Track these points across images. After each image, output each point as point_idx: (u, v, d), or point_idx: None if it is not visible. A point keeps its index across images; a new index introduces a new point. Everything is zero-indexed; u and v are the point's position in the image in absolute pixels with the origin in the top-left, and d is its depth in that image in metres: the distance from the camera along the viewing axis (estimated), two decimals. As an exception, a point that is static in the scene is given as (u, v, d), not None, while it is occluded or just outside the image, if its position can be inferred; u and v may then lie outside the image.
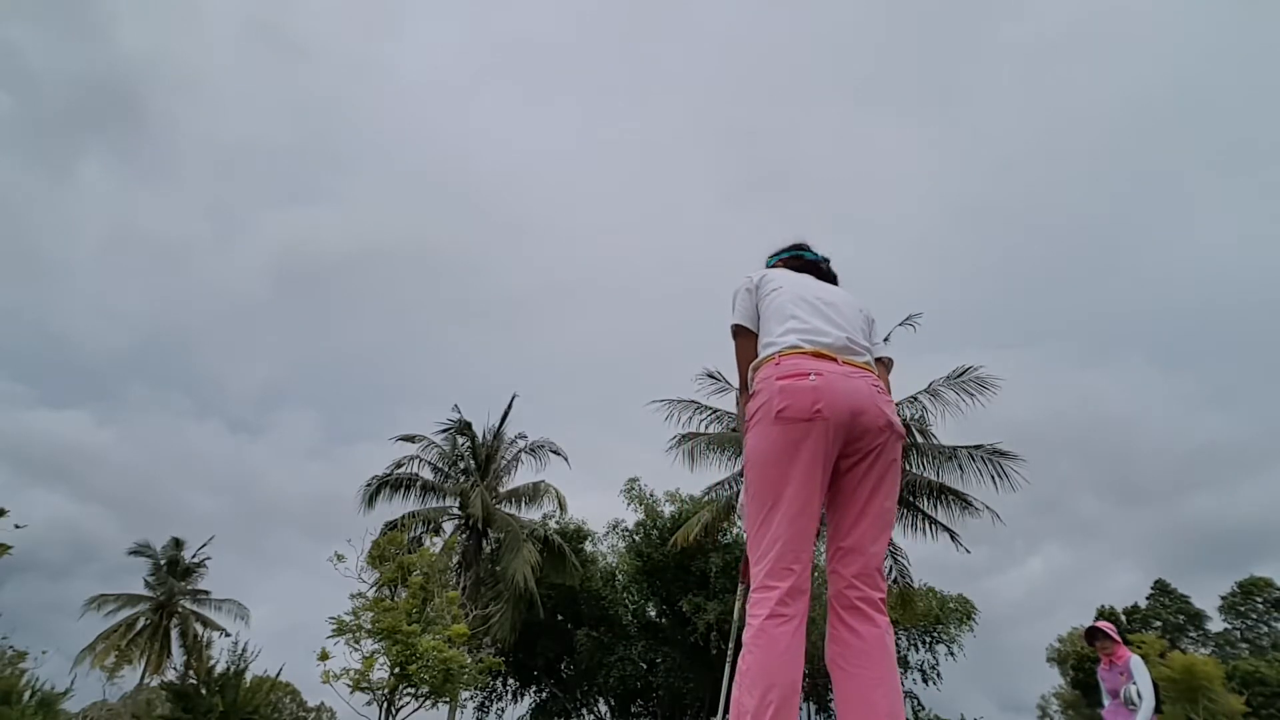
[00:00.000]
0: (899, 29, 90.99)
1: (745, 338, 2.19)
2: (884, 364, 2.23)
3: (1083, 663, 31.28)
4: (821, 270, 2.51)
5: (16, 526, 9.79)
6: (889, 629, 1.76)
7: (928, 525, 14.45)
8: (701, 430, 15.65)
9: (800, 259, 2.53)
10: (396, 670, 11.29)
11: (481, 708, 21.67)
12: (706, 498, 16.38)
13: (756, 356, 2.11)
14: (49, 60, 70.54)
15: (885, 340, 2.30)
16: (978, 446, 14.03)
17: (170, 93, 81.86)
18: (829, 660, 1.76)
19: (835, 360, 1.91)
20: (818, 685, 19.94)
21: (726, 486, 15.32)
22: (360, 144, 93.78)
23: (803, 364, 1.88)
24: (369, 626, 11.59)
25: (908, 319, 14.33)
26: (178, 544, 27.76)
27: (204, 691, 9.58)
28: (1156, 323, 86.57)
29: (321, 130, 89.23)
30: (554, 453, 20.65)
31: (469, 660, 12.62)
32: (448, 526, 19.44)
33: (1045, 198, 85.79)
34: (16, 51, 62.10)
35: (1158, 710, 5.02)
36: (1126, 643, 5.49)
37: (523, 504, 20.39)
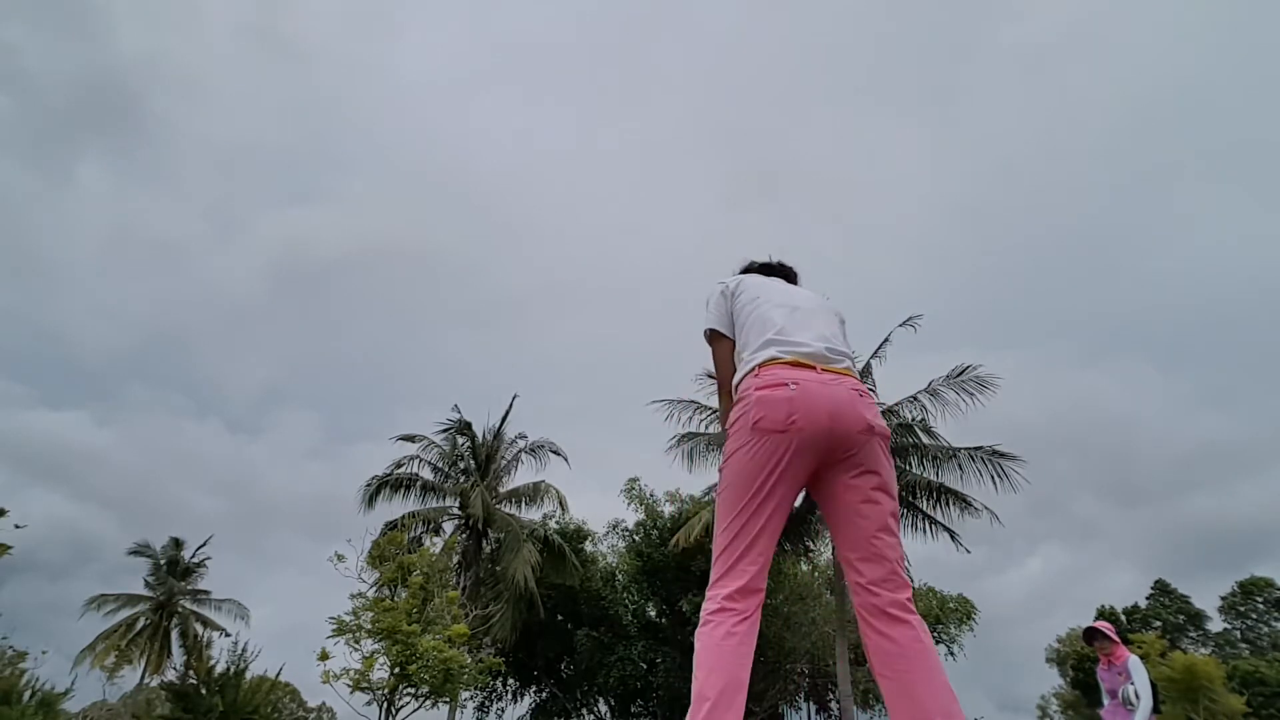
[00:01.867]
0: (898, 30, 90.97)
1: (720, 342, 2.23)
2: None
3: (1082, 663, 31.29)
4: (774, 270, 2.55)
5: (16, 526, 9.82)
6: (922, 625, 1.73)
7: (928, 525, 14.47)
8: (701, 430, 15.67)
9: (761, 265, 2.57)
10: (396, 670, 11.30)
11: (481, 708, 21.66)
12: (706, 498, 16.39)
13: (732, 360, 2.15)
14: (48, 61, 70.61)
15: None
16: (978, 448, 14.04)
17: (169, 93, 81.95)
18: (874, 673, 1.74)
19: (814, 369, 1.94)
20: (817, 685, 19.95)
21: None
22: (360, 144, 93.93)
23: (781, 374, 1.92)
24: (369, 626, 11.59)
25: (908, 320, 14.36)
26: (177, 544, 27.80)
27: (204, 691, 9.56)
28: (1156, 323, 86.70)
29: (321, 130, 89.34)
30: (554, 453, 20.67)
31: (469, 660, 12.62)
32: (448, 526, 19.45)
33: (1045, 198, 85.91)
34: (15, 52, 62.13)
35: (1156, 710, 5.03)
36: (1126, 643, 5.50)
37: (523, 504, 20.39)
